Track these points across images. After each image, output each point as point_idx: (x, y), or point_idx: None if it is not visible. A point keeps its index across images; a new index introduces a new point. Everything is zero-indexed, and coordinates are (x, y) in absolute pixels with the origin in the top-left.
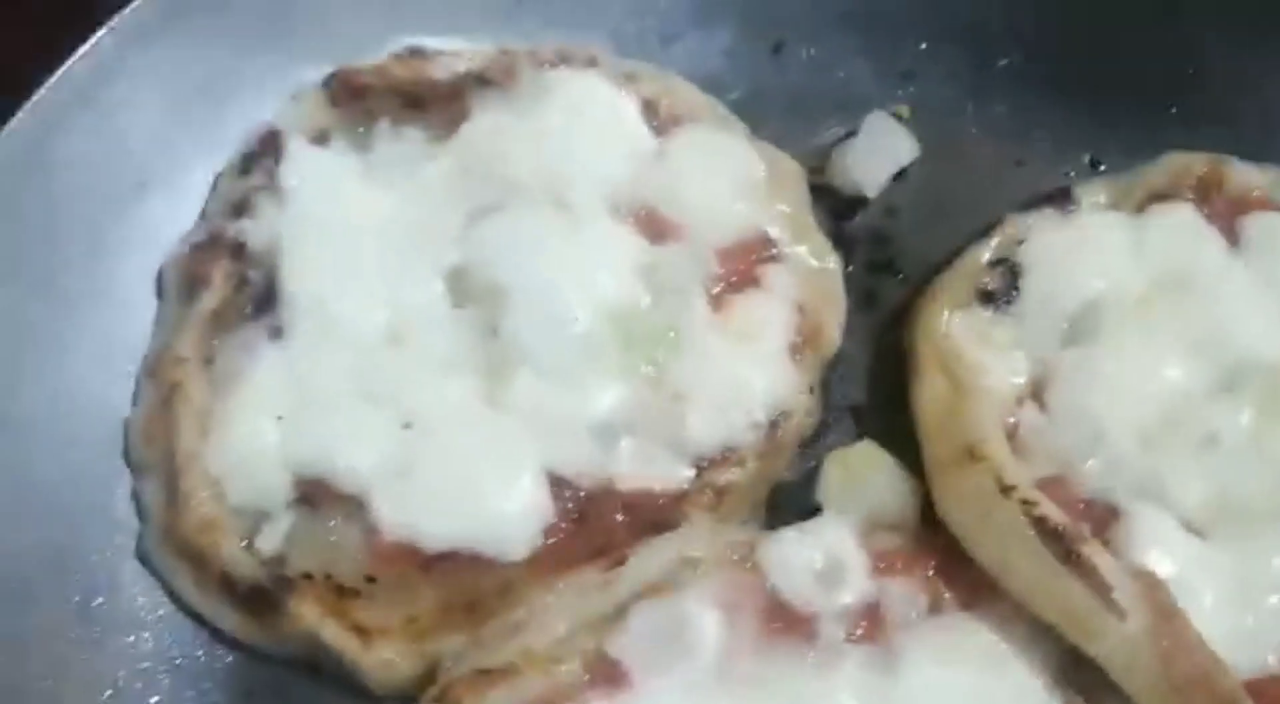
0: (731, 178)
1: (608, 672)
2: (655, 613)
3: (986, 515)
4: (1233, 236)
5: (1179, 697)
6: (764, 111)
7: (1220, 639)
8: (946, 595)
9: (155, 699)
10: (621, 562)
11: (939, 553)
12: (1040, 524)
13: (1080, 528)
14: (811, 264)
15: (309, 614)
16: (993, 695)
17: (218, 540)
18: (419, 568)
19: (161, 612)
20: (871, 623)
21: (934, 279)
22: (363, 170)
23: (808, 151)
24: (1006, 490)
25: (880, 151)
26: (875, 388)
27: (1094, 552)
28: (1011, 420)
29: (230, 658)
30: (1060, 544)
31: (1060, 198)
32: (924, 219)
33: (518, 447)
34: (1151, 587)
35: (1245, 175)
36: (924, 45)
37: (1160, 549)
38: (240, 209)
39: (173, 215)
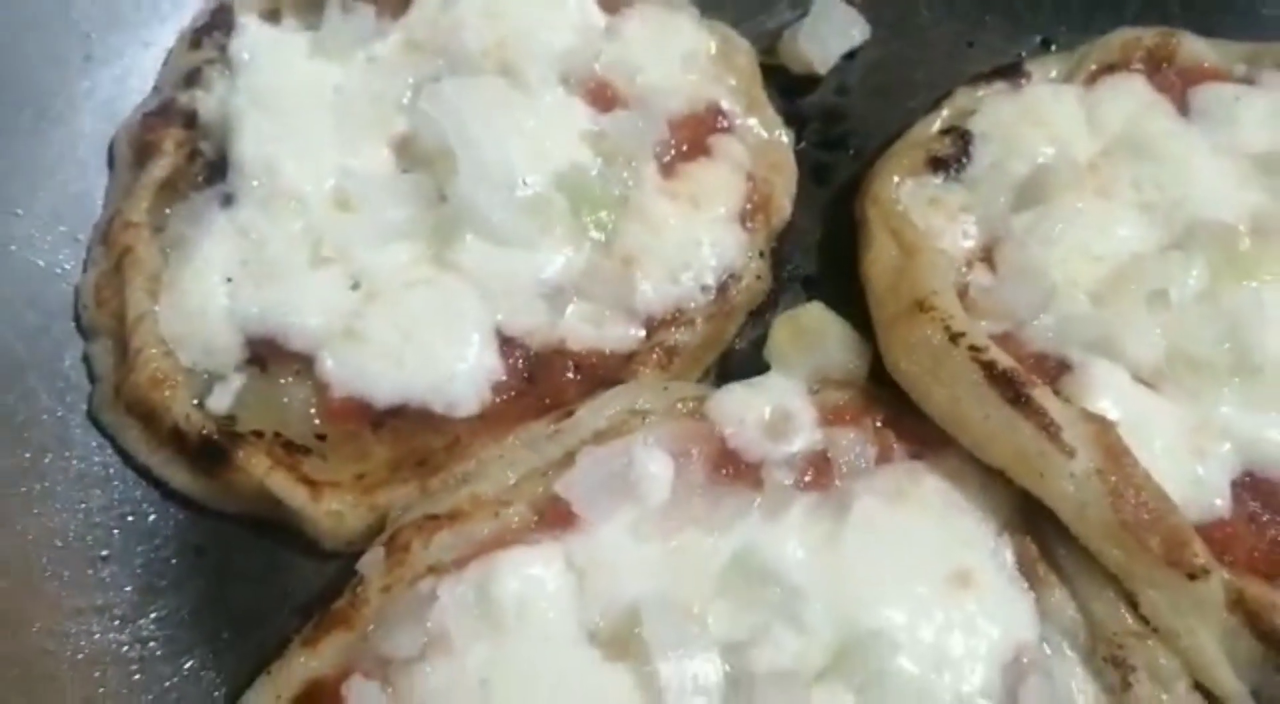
0: (681, 52)
1: (556, 512)
2: (604, 455)
3: (936, 364)
4: (1183, 106)
5: (1129, 534)
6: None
7: (1171, 485)
8: (895, 446)
9: (105, 553)
10: (571, 415)
11: (887, 407)
12: (989, 369)
13: (1029, 374)
14: (762, 135)
15: (258, 466)
16: (943, 540)
17: (169, 395)
18: (369, 425)
19: (112, 470)
20: (820, 471)
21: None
22: (312, 45)
23: (760, 34)
24: (955, 338)
25: (831, 32)
26: (827, 260)
27: (1042, 394)
28: (961, 282)
29: (181, 515)
30: (1009, 387)
31: (1011, 72)
32: (876, 98)
33: (466, 307)
34: (1101, 428)
35: (1195, 48)
36: None
37: (1111, 398)
38: (191, 80)
39: (123, 88)
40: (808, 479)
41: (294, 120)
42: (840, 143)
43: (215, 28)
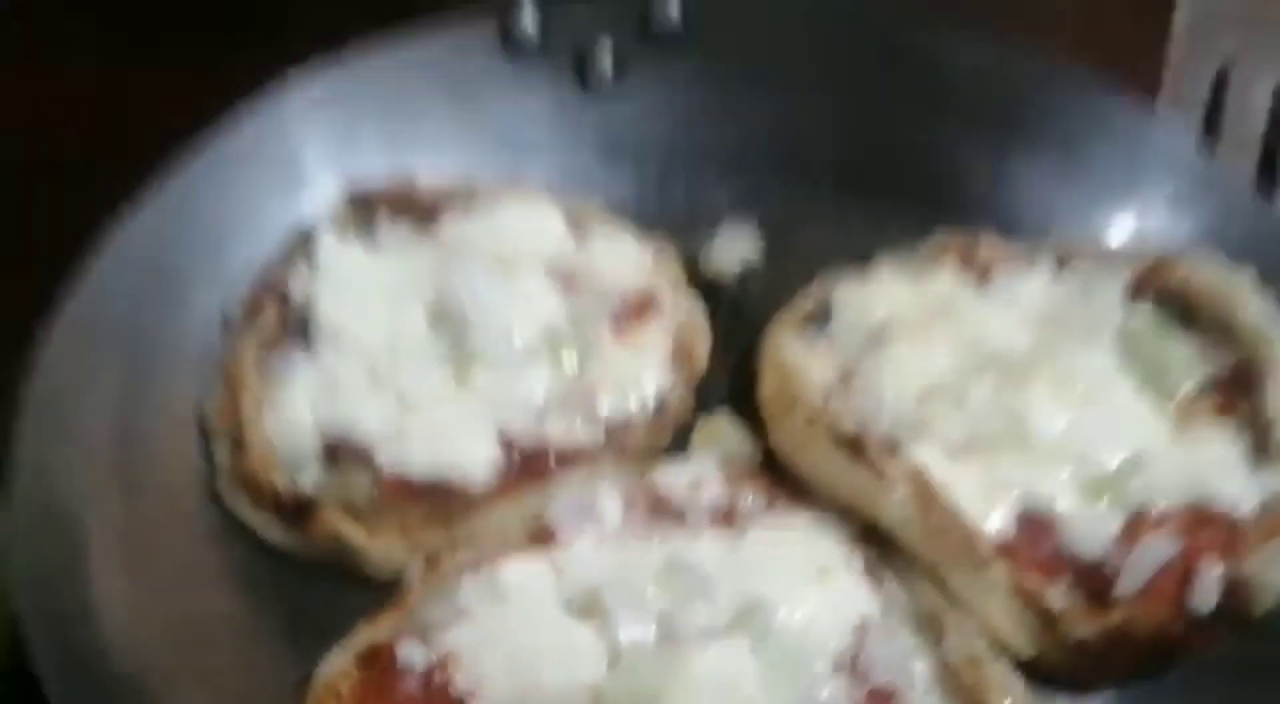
0: (628, 259)
1: (541, 535)
2: (576, 494)
3: (804, 441)
4: (982, 283)
5: (936, 538)
6: (651, 221)
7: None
8: (780, 498)
9: (216, 578)
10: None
11: (773, 476)
12: (839, 438)
13: (866, 442)
14: (685, 311)
15: (333, 518)
16: (811, 550)
17: (272, 470)
18: (410, 495)
19: (226, 529)
20: (727, 513)
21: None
22: (370, 250)
23: (684, 248)
24: (814, 421)
25: (732, 251)
26: (734, 396)
27: (874, 453)
28: (825, 398)
29: (274, 559)
30: (852, 449)
31: (864, 266)
32: (769, 291)
33: (478, 417)
34: (915, 471)
35: (994, 245)
36: (761, 176)
37: (928, 464)
38: (286, 272)
39: (245, 276)
40: (718, 518)
41: (357, 298)
42: (744, 321)
43: (305, 240)
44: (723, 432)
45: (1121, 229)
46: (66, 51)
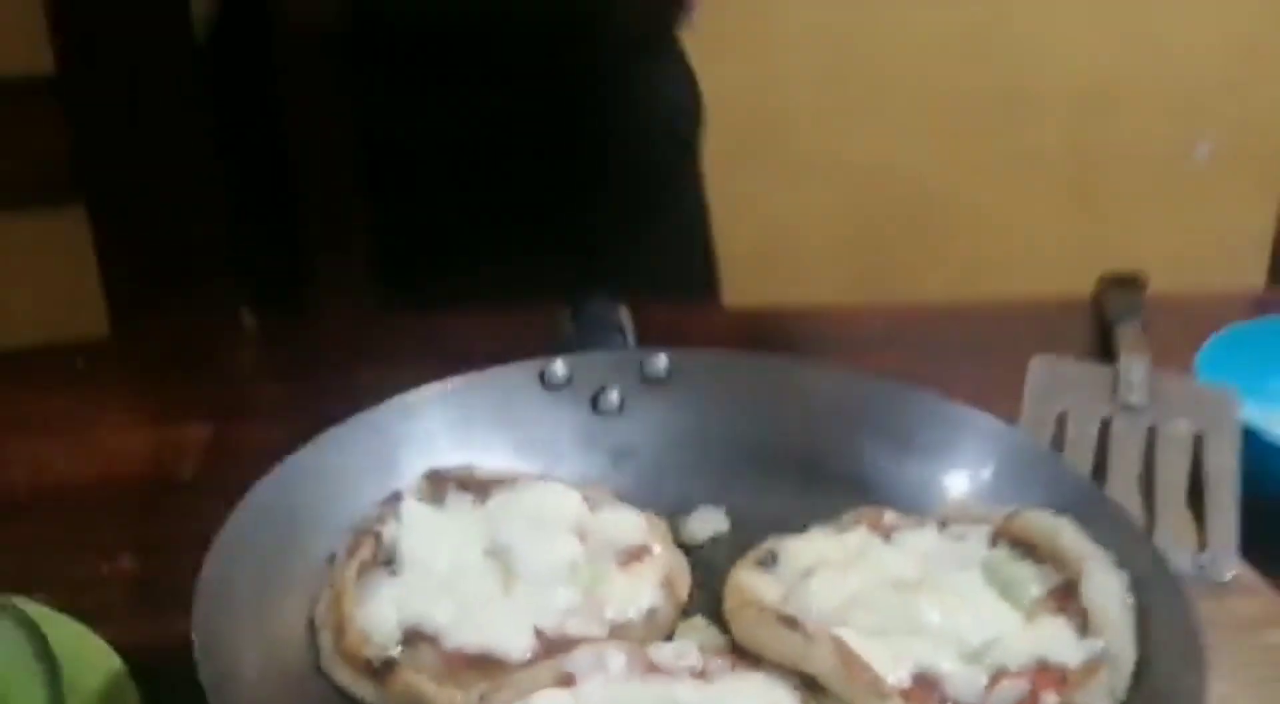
0: (630, 524)
1: (563, 678)
2: (590, 652)
3: (755, 625)
4: (886, 538)
5: (853, 684)
6: (646, 503)
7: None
8: (741, 664)
9: None
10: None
11: (736, 652)
12: (780, 618)
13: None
14: (671, 558)
15: (408, 674)
16: (764, 690)
17: (364, 648)
18: (466, 665)
19: (327, 689)
20: (702, 673)
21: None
22: (439, 509)
23: (670, 520)
24: (763, 610)
25: (706, 524)
26: (706, 613)
27: (799, 623)
28: (775, 608)
29: None
30: (790, 625)
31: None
32: (733, 548)
33: (518, 616)
34: (837, 639)
35: (894, 515)
36: (726, 474)
37: (845, 639)
38: (380, 521)
39: (347, 526)
40: (695, 675)
41: (430, 541)
42: (714, 568)
43: (393, 501)
44: (698, 628)
45: (988, 502)
46: (180, 415)
